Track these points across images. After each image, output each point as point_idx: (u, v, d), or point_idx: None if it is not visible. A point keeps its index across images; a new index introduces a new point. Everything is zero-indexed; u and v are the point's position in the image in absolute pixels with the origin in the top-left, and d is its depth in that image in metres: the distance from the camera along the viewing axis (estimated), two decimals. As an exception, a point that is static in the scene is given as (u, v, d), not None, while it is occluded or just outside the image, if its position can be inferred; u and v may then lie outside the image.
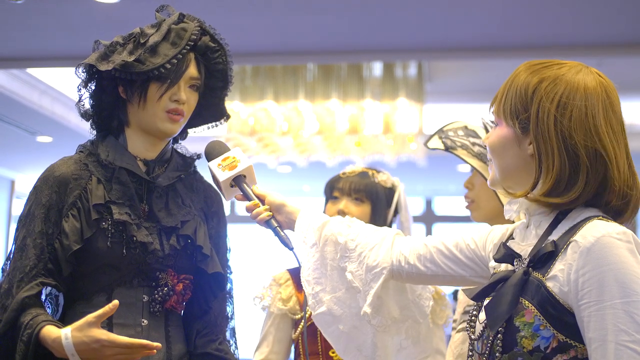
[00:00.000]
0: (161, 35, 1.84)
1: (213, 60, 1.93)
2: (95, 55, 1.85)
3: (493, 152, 1.55)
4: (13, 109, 6.50)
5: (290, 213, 1.84)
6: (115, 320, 1.81)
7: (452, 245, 1.69)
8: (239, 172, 1.85)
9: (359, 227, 1.81)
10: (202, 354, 1.93)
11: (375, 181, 2.53)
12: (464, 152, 2.14)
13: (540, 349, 1.39)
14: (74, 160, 1.88)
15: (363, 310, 1.73)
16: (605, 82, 1.49)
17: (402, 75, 6.23)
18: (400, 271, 1.73)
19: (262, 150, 6.92)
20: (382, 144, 6.71)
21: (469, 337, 1.54)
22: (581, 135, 1.44)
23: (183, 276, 1.88)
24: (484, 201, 2.18)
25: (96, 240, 1.80)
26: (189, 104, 1.89)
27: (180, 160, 1.97)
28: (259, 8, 4.52)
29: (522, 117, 1.49)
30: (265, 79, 6.27)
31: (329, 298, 1.78)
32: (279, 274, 2.53)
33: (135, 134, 1.90)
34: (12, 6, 4.42)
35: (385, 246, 1.75)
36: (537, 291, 1.41)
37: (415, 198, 11.16)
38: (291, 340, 2.48)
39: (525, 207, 1.53)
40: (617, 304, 1.33)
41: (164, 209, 1.88)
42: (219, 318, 1.98)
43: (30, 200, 1.84)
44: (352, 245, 1.77)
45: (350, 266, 1.76)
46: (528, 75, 1.50)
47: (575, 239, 1.40)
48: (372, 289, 1.72)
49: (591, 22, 4.67)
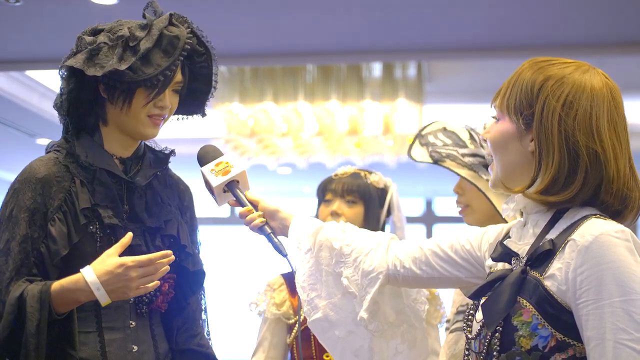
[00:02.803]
0: (152, 41, 1.79)
1: (198, 63, 1.91)
2: (81, 57, 1.79)
3: (494, 147, 1.55)
4: (12, 111, 6.49)
5: (284, 219, 1.84)
6: (104, 324, 1.80)
7: (447, 247, 1.69)
8: (232, 178, 1.84)
9: (353, 232, 1.81)
10: (184, 350, 1.94)
11: (368, 182, 2.53)
12: (452, 164, 2.14)
13: (539, 348, 1.38)
14: (53, 161, 1.82)
15: (360, 315, 1.72)
16: (610, 84, 1.49)
17: (401, 75, 6.22)
18: (396, 275, 1.73)
19: (262, 151, 6.91)
20: (382, 145, 6.70)
21: (466, 337, 1.54)
22: (583, 135, 1.44)
23: (167, 276, 1.86)
24: (477, 204, 2.18)
25: (84, 245, 1.78)
26: (172, 108, 1.88)
27: (152, 156, 1.95)
28: (258, 9, 4.52)
29: (526, 113, 1.48)
30: (264, 80, 6.26)
31: (324, 304, 1.78)
32: (273, 279, 2.53)
33: (112, 133, 1.87)
34: (11, 8, 4.42)
35: (381, 251, 1.75)
36: (535, 290, 1.41)
37: (416, 199, 11.14)
38: (287, 345, 2.48)
39: (522, 206, 1.53)
40: (615, 302, 1.33)
41: (146, 210, 1.87)
42: (197, 313, 1.99)
43: (10, 202, 1.79)
44: (348, 251, 1.76)
45: (345, 271, 1.75)
46: (535, 72, 1.49)
47: (573, 238, 1.40)
48: (368, 294, 1.72)
49: (591, 21, 4.66)
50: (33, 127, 7.04)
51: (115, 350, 1.81)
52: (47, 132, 7.21)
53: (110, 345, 1.80)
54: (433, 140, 2.18)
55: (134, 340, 1.83)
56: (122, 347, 1.82)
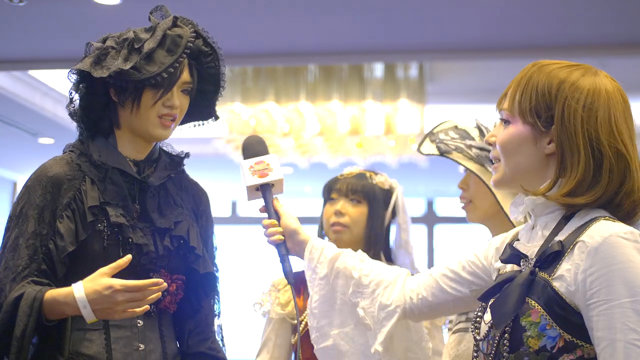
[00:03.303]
0: (156, 41, 1.82)
1: (205, 64, 1.92)
2: (89, 61, 1.83)
3: (504, 151, 1.54)
4: (15, 110, 6.50)
5: (302, 242, 1.83)
6: (111, 322, 1.81)
7: (455, 266, 1.69)
8: (268, 182, 1.83)
9: (371, 263, 1.80)
10: (195, 353, 1.95)
11: (373, 182, 2.53)
12: (459, 155, 2.14)
13: (547, 349, 1.39)
14: (66, 161, 1.86)
15: (374, 348, 1.71)
16: (620, 87, 1.51)
17: (403, 76, 6.22)
18: (412, 308, 1.73)
19: (264, 151, 6.90)
20: (384, 145, 6.70)
21: (474, 338, 1.54)
22: (606, 135, 1.45)
23: (176, 276, 1.89)
24: (480, 201, 2.17)
25: (91, 242, 1.80)
26: (181, 109, 1.89)
27: (168, 159, 1.97)
28: (259, 9, 4.52)
29: (545, 115, 1.48)
30: (266, 80, 6.27)
31: (336, 332, 1.77)
32: (278, 280, 2.52)
33: (125, 136, 1.90)
34: (14, 8, 4.42)
35: (399, 285, 1.75)
36: (544, 291, 1.41)
37: (417, 199, 11.15)
38: (291, 345, 2.48)
39: (531, 208, 1.52)
40: (625, 302, 1.33)
41: (157, 210, 1.88)
42: (210, 317, 1.99)
43: (21, 199, 1.82)
44: (366, 281, 1.75)
45: (362, 302, 1.74)
46: (547, 75, 1.50)
47: (582, 239, 1.40)
48: (384, 327, 1.71)
49: (593, 22, 4.66)
50: (35, 126, 7.05)
51: (121, 348, 1.81)
52: (49, 131, 7.21)
53: (116, 342, 1.81)
54: (443, 137, 2.19)
55: (141, 339, 1.84)
56: (128, 345, 1.82)
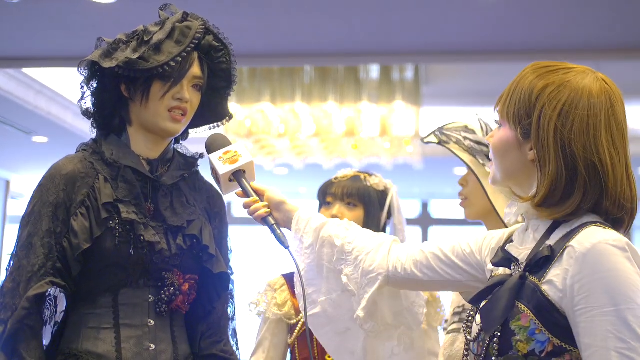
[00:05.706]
0: (165, 33, 1.83)
1: (217, 59, 1.92)
2: (98, 53, 1.84)
3: (495, 153, 1.55)
4: (8, 109, 6.48)
5: (289, 211, 1.83)
6: (122, 320, 1.80)
7: (448, 250, 1.69)
8: (240, 167, 1.83)
9: (356, 230, 1.81)
10: (207, 355, 1.93)
11: (368, 185, 2.53)
12: (456, 147, 2.15)
13: (536, 353, 1.39)
14: (79, 159, 1.86)
15: (356, 314, 1.72)
16: (610, 90, 1.48)
17: (398, 78, 6.23)
18: (396, 277, 1.73)
19: (259, 152, 6.90)
20: (379, 147, 6.70)
21: (465, 338, 1.54)
22: (580, 146, 1.43)
23: (188, 276, 1.87)
24: (476, 198, 2.18)
25: (104, 240, 1.79)
26: (192, 104, 1.88)
27: (182, 160, 1.97)
28: (256, 10, 4.51)
29: (524, 122, 1.48)
30: (262, 80, 6.26)
31: (323, 299, 1.78)
32: (274, 280, 2.52)
33: (138, 133, 1.89)
34: (7, 6, 4.41)
35: (382, 252, 1.75)
36: (533, 295, 1.41)
37: (412, 201, 11.15)
38: (287, 345, 2.48)
39: (524, 210, 1.52)
40: (612, 311, 1.33)
41: (170, 208, 1.87)
42: (223, 319, 1.97)
43: (35, 198, 1.81)
44: (349, 249, 1.76)
45: (346, 269, 1.75)
46: (534, 79, 1.49)
47: (571, 245, 1.40)
48: (366, 294, 1.72)
49: (589, 26, 4.67)
50: (29, 125, 7.03)
51: (131, 347, 1.80)
52: (43, 130, 7.19)
53: (126, 342, 1.80)
54: (448, 132, 2.20)
55: (152, 339, 1.82)
56: (139, 344, 1.81)
